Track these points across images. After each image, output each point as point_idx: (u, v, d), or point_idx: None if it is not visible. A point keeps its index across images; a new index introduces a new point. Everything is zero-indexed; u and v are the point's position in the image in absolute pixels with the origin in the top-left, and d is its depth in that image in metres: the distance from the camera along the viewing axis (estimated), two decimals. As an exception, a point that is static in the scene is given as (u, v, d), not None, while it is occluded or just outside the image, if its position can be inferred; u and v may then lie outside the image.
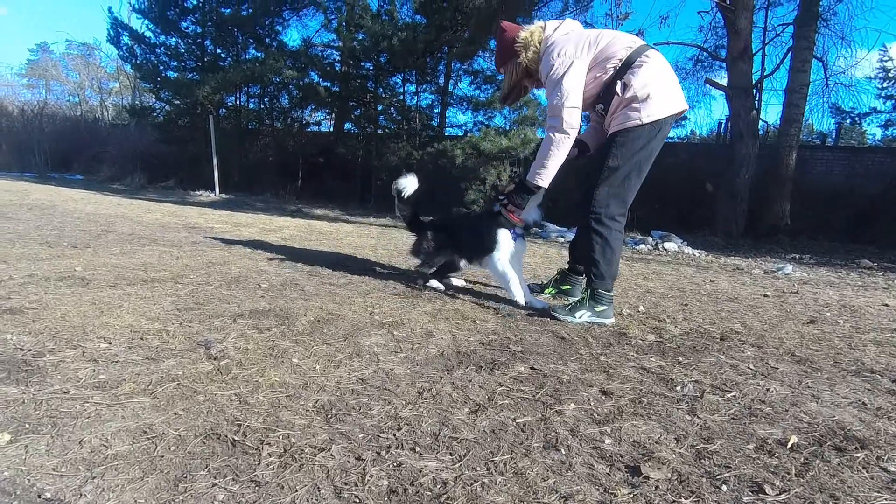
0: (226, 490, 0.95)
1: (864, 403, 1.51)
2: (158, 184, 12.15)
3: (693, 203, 8.46)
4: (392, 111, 11.31)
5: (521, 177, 2.49)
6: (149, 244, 3.72)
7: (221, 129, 12.08)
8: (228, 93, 12.52)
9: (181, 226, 5.08)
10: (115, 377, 1.40)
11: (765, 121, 9.90)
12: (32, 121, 16.78)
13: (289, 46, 12.14)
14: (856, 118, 13.87)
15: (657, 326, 2.28)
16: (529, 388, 1.50)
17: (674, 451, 1.17)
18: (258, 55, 12.05)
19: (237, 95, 13.10)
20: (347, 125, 12.37)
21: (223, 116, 13.28)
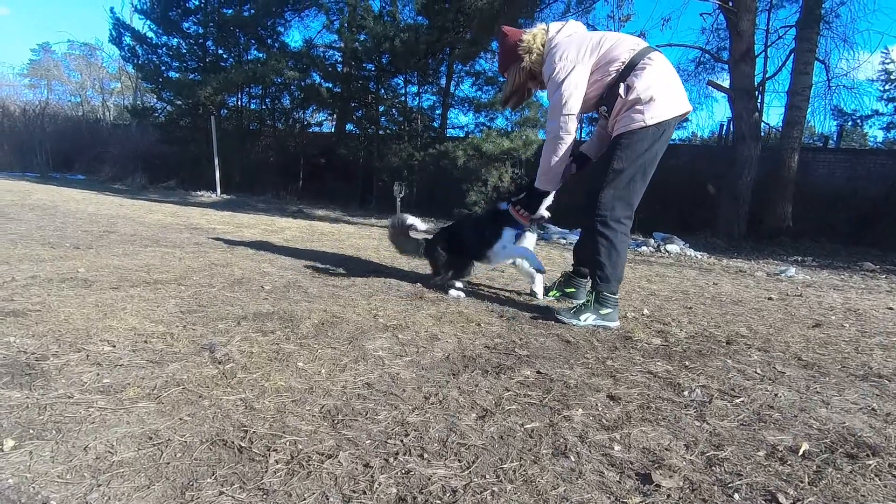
0: (233, 498, 0.94)
1: (874, 409, 1.50)
2: (160, 184, 12.14)
3: (695, 205, 8.45)
4: (394, 112, 11.31)
5: (530, 183, 2.55)
6: (151, 245, 3.71)
7: (223, 130, 12.09)
8: (230, 93, 12.52)
9: (183, 226, 5.08)
10: (120, 381, 1.39)
11: (767, 123, 9.85)
12: (34, 121, 16.80)
13: (291, 47, 12.16)
14: (858, 120, 13.83)
15: (662, 330, 2.27)
16: (536, 393, 1.49)
17: (684, 458, 1.16)
18: (260, 56, 12.06)
19: (239, 96, 13.10)
20: (349, 126, 12.39)
21: (225, 117, 13.29)
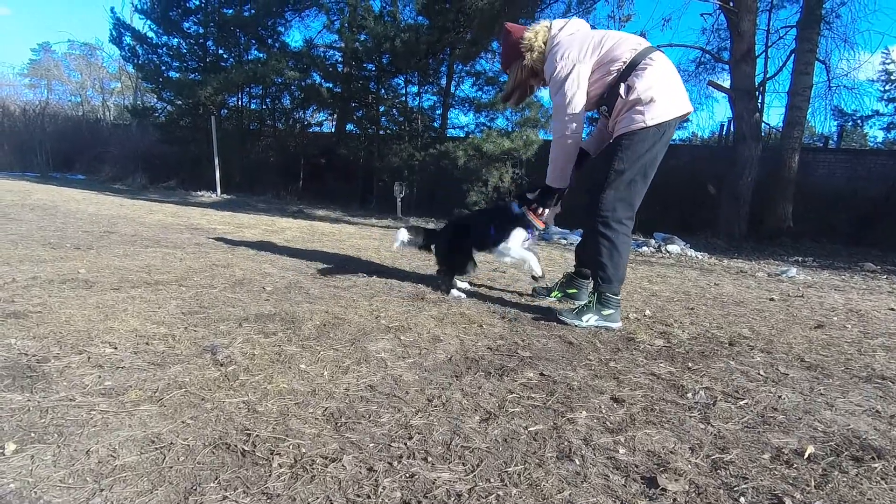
0: (237, 503, 0.93)
1: (878, 411, 1.49)
2: (160, 184, 12.13)
3: (695, 205, 8.45)
4: (394, 112, 11.30)
5: (542, 182, 2.55)
6: (152, 246, 3.70)
7: (223, 130, 12.08)
8: (230, 93, 12.50)
9: (184, 227, 5.07)
10: (122, 384, 1.38)
11: (767, 123, 9.84)
12: (34, 120, 16.79)
13: (291, 47, 12.16)
14: (858, 121, 13.81)
15: (665, 331, 2.27)
16: (540, 395, 1.48)
17: (689, 462, 1.15)
18: (260, 56, 12.05)
19: (239, 96, 13.08)
20: (349, 126, 12.38)
21: (225, 117, 13.28)
